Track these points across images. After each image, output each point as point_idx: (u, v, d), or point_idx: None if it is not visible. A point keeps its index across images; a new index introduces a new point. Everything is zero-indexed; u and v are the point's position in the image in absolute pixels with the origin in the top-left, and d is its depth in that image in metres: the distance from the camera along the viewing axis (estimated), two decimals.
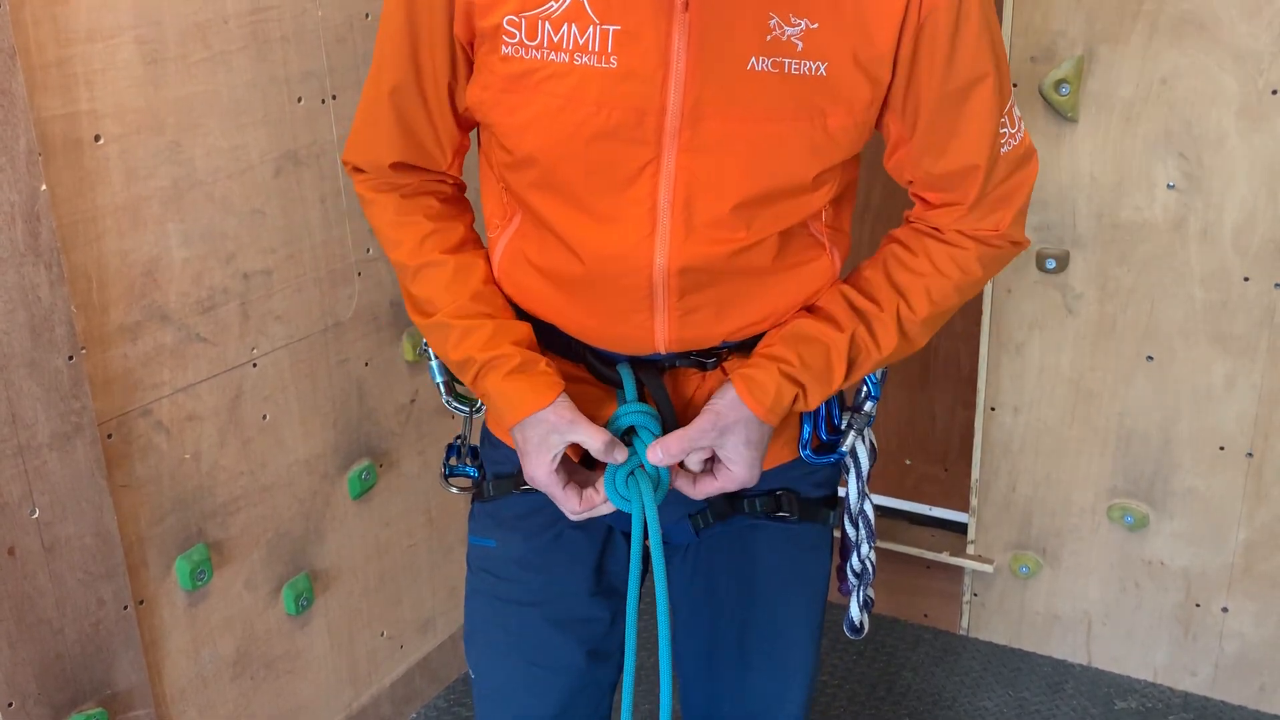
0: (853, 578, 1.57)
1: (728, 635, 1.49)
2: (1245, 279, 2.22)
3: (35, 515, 1.66)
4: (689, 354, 1.35)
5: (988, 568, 2.60)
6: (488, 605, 1.49)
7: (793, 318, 1.34)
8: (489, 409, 1.36)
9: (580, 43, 1.18)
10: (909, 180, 1.35)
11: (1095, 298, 2.35)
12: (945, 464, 2.88)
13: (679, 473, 1.33)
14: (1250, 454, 2.31)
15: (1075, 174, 2.29)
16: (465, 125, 1.37)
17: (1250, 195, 2.17)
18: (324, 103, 2.03)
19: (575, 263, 1.28)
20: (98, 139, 1.69)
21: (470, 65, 1.30)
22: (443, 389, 1.51)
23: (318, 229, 2.06)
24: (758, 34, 1.18)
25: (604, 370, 1.36)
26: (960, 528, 2.69)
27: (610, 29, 1.18)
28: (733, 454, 1.30)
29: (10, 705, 1.66)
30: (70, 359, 1.67)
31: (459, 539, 2.51)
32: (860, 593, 1.58)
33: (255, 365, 1.99)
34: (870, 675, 2.60)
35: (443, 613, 2.55)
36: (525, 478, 1.34)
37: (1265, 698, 2.45)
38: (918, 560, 2.69)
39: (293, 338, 2.05)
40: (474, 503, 1.52)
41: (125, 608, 1.81)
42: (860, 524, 1.53)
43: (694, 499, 1.36)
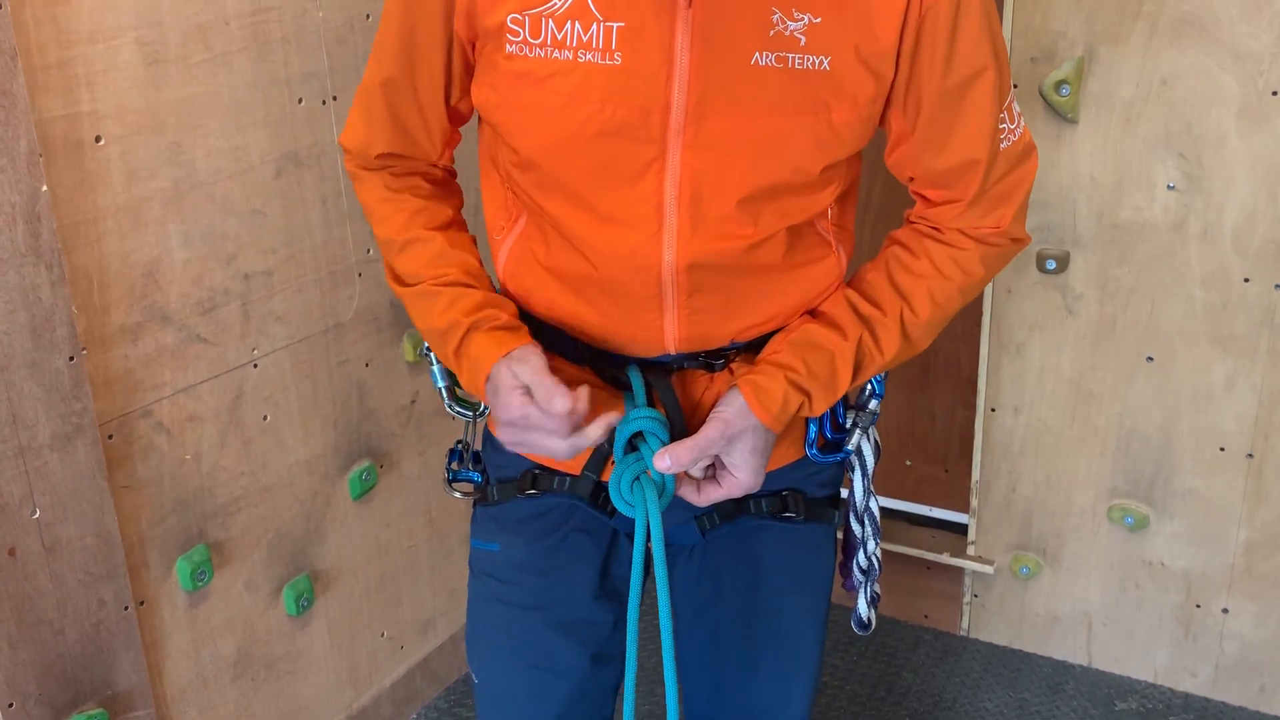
0: (859, 574, 1.57)
1: (732, 636, 1.48)
2: (1245, 280, 2.22)
3: (36, 516, 1.66)
4: (697, 355, 1.35)
5: (988, 568, 2.60)
6: (490, 609, 1.49)
7: (799, 323, 1.34)
8: (466, 371, 1.29)
9: (584, 40, 1.18)
10: (910, 177, 1.35)
11: (1095, 298, 2.35)
12: (945, 465, 2.88)
13: (683, 480, 1.32)
14: (1250, 455, 2.31)
15: (1075, 174, 2.29)
16: (457, 119, 1.37)
17: (1250, 196, 2.17)
18: (325, 104, 2.03)
19: (583, 262, 1.28)
20: (99, 140, 1.69)
21: (468, 64, 1.30)
22: (445, 393, 1.50)
23: (318, 230, 2.06)
24: (761, 29, 1.18)
25: (612, 373, 1.36)
26: (960, 528, 2.69)
27: (614, 26, 1.18)
28: (739, 461, 1.29)
29: (11, 706, 1.66)
30: (71, 360, 1.67)
31: (460, 540, 2.51)
32: (867, 589, 1.58)
33: (256, 366, 1.99)
34: (871, 676, 2.60)
35: (443, 613, 2.55)
36: (496, 426, 1.23)
37: (1266, 699, 2.45)
38: (918, 561, 2.69)
39: (293, 338, 2.05)
40: (476, 507, 1.52)
41: (126, 608, 1.81)
42: (866, 521, 1.53)
43: (698, 506, 1.36)
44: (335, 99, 2.04)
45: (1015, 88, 2.25)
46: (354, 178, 1.41)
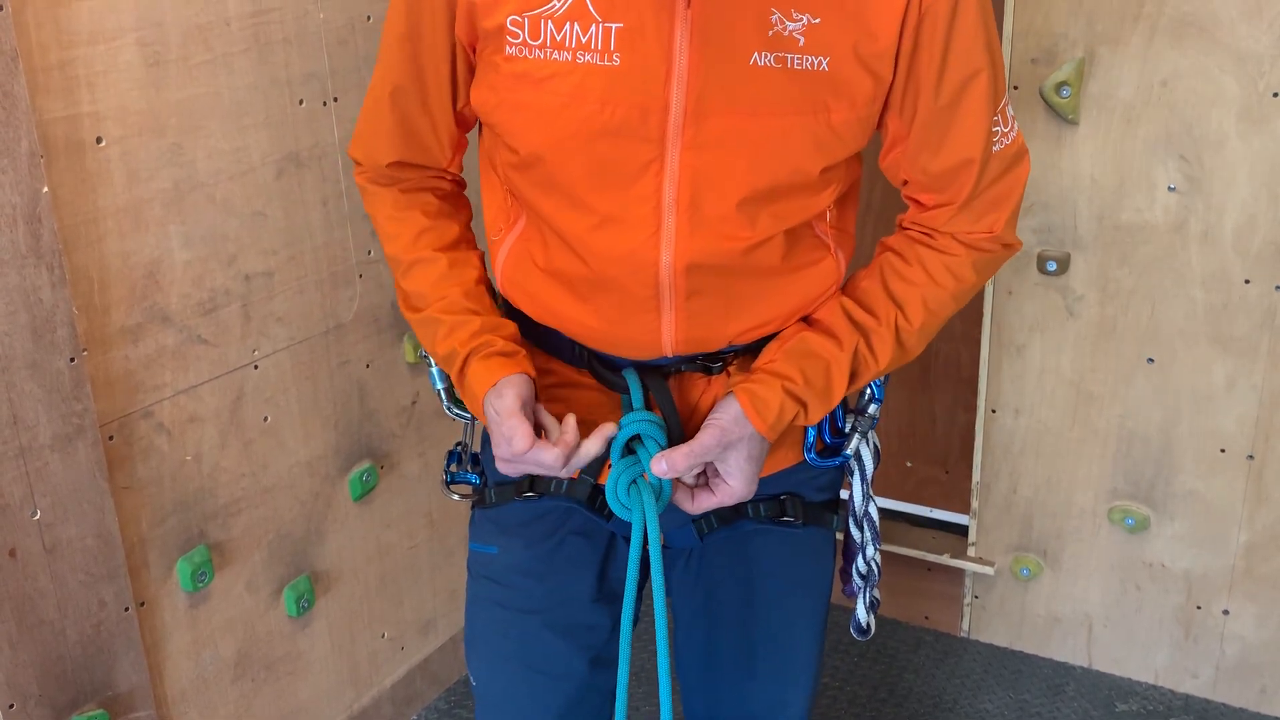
0: (858, 579, 1.57)
1: (729, 640, 1.48)
2: (1246, 281, 2.22)
3: (36, 517, 1.66)
4: (695, 358, 1.35)
5: (989, 570, 2.60)
6: (489, 612, 1.49)
7: (795, 330, 1.34)
8: (467, 398, 1.32)
9: (583, 41, 1.19)
10: (904, 180, 1.35)
11: (1096, 300, 2.35)
12: (946, 466, 2.88)
13: (677, 486, 1.32)
14: (1251, 456, 2.31)
15: (1076, 176, 2.29)
16: (465, 124, 1.38)
17: (1251, 197, 2.17)
18: (325, 105, 2.03)
19: (580, 264, 1.28)
20: (99, 141, 1.69)
21: (470, 68, 1.30)
22: (444, 395, 1.50)
23: (319, 231, 2.06)
24: (759, 29, 1.18)
25: (609, 376, 1.36)
26: (961, 530, 2.69)
27: (613, 27, 1.18)
28: (733, 469, 1.29)
29: (11, 706, 1.66)
30: (72, 361, 1.67)
31: (460, 541, 2.51)
32: (866, 594, 1.58)
33: (256, 367, 1.99)
34: (871, 677, 2.60)
35: (444, 614, 2.55)
36: (498, 457, 1.26)
37: (1266, 700, 2.45)
38: (918, 562, 2.69)
39: (294, 339, 2.05)
40: (475, 509, 1.52)
41: (126, 609, 1.81)
42: (865, 526, 1.53)
43: (692, 514, 1.35)
44: (336, 100, 2.04)
45: (1015, 89, 2.27)
46: (364, 192, 1.41)
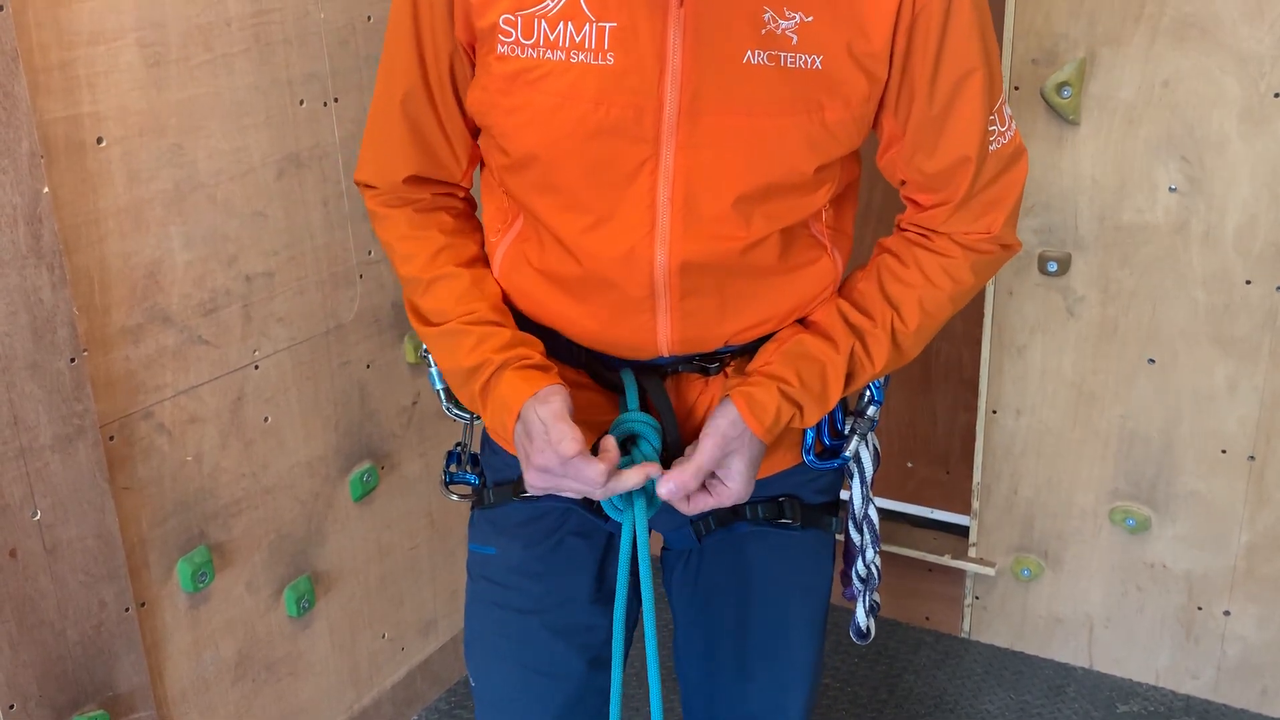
0: (858, 583, 1.57)
1: (727, 642, 1.48)
2: (1247, 282, 2.22)
3: (37, 517, 1.66)
4: (691, 358, 1.34)
5: (989, 570, 2.60)
6: (488, 612, 1.48)
7: (791, 332, 1.34)
8: (493, 410, 1.30)
9: (577, 40, 1.18)
10: (901, 180, 1.35)
11: (1097, 300, 2.35)
12: (947, 467, 2.88)
13: None
14: (1252, 457, 2.31)
15: (1077, 176, 2.29)
16: (476, 131, 1.36)
17: (1252, 198, 2.17)
18: (326, 105, 2.03)
19: (575, 264, 1.28)
20: (100, 141, 1.69)
21: (474, 69, 1.30)
22: (443, 395, 1.49)
23: (319, 231, 2.06)
24: (753, 28, 1.18)
25: (605, 375, 1.36)
26: (962, 530, 2.69)
27: (606, 26, 1.18)
28: (731, 471, 1.29)
29: (12, 707, 1.66)
30: (72, 361, 1.67)
31: (460, 541, 2.51)
32: (866, 598, 1.58)
33: (257, 367, 1.99)
34: (872, 678, 2.60)
35: (444, 615, 2.55)
36: (526, 469, 1.25)
37: (1268, 701, 2.45)
38: (919, 563, 2.69)
39: (294, 340, 2.05)
40: (474, 510, 1.51)
41: (127, 610, 1.81)
42: (865, 529, 1.53)
43: (688, 515, 1.35)
44: (336, 100, 2.04)
45: (1016, 90, 2.27)
46: (375, 218, 1.39)
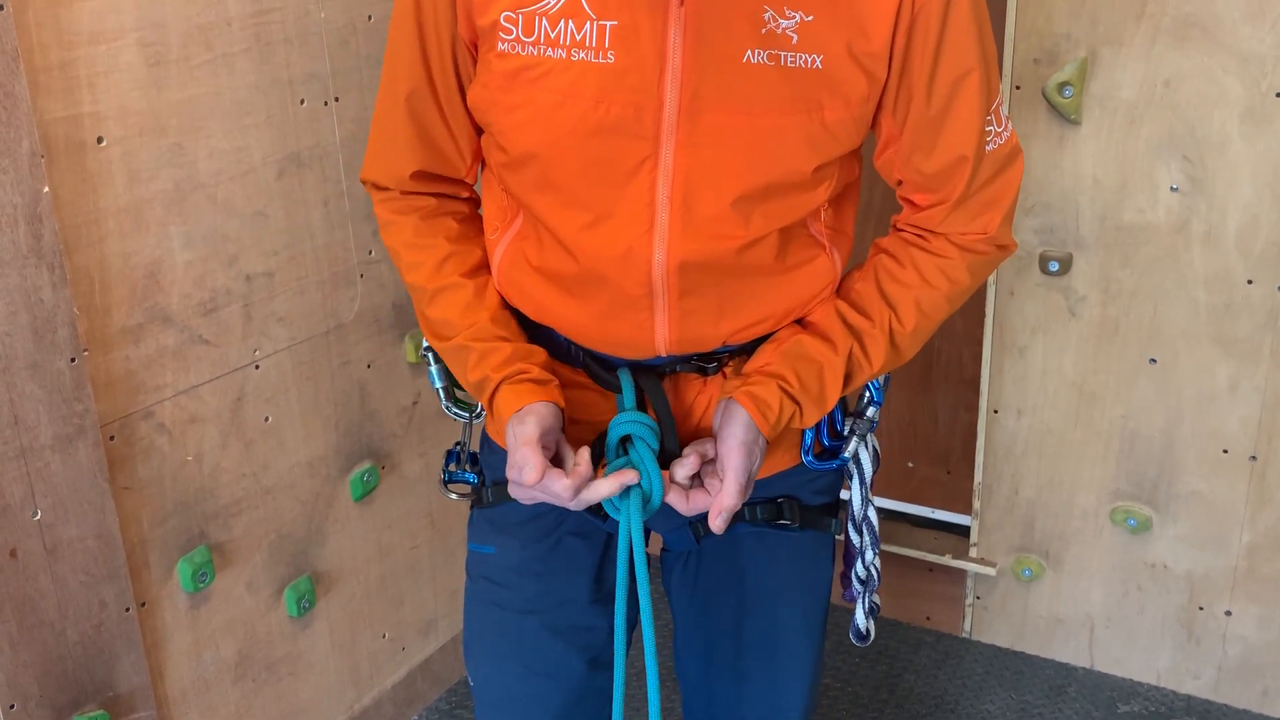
0: (858, 584, 1.56)
1: (726, 643, 1.48)
2: (1249, 281, 2.21)
3: (37, 517, 1.66)
4: (689, 358, 1.34)
5: (990, 571, 2.60)
6: (487, 612, 1.48)
7: (789, 333, 1.34)
8: (495, 423, 1.33)
9: (577, 38, 1.19)
10: (898, 180, 1.35)
11: (1098, 300, 2.34)
12: (948, 467, 2.88)
13: (671, 488, 1.31)
14: (1254, 457, 2.31)
15: (1078, 176, 2.29)
16: (480, 128, 1.36)
17: (1254, 198, 2.17)
18: (326, 105, 2.03)
19: (573, 263, 1.28)
20: (100, 141, 1.69)
21: (476, 66, 1.30)
22: (442, 394, 1.50)
23: (320, 231, 2.06)
24: (753, 27, 1.18)
25: (603, 375, 1.36)
26: (963, 530, 2.69)
27: (607, 24, 1.18)
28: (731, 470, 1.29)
29: (12, 707, 1.66)
30: (72, 361, 1.67)
31: (461, 541, 2.51)
32: (865, 599, 1.57)
33: (257, 367, 1.99)
34: (873, 678, 2.60)
35: (445, 615, 2.55)
36: (511, 482, 1.27)
37: (1269, 701, 2.45)
38: (920, 563, 2.69)
39: (295, 340, 2.05)
40: (473, 509, 1.51)
41: (127, 610, 1.81)
42: (864, 530, 1.53)
43: (686, 515, 1.35)
44: (337, 100, 2.04)
45: (1018, 89, 2.27)
46: (382, 224, 1.40)
